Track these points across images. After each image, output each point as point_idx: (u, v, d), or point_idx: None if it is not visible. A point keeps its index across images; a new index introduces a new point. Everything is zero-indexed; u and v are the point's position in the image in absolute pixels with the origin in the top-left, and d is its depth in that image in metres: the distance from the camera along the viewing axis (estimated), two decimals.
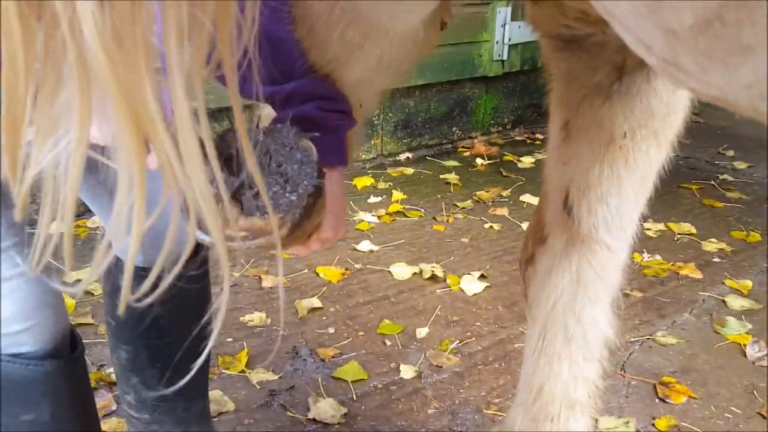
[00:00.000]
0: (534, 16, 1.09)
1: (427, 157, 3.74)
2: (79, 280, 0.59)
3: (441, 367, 1.99)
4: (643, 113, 1.05)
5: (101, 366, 1.92)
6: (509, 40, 3.82)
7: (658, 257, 2.65)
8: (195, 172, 0.53)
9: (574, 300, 1.15)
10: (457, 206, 3.11)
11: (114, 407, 1.76)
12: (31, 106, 0.49)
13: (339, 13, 0.83)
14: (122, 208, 0.54)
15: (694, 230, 2.92)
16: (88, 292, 2.28)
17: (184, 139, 0.51)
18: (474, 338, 2.14)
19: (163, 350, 1.35)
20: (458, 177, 3.44)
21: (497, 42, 3.81)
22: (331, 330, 2.15)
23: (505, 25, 3.78)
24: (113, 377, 1.87)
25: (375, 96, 1.09)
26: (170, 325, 1.34)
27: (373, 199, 3.13)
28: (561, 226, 1.14)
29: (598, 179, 1.08)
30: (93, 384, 1.83)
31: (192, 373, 1.43)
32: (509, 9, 3.76)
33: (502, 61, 3.88)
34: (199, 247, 1.35)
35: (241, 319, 2.17)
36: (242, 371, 1.93)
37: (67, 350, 1.06)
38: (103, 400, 1.77)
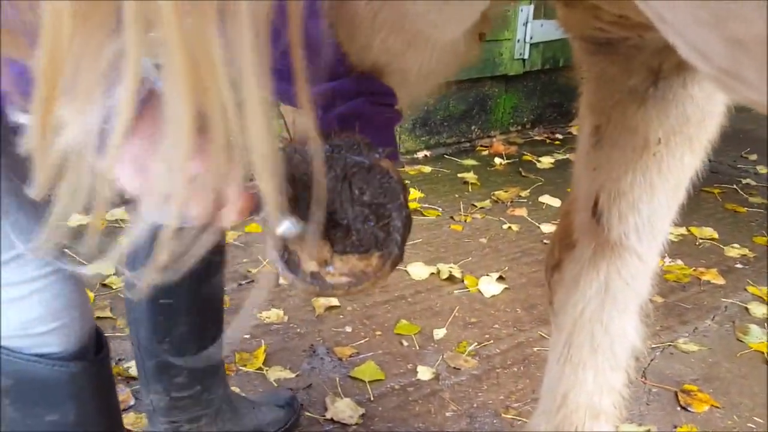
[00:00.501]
0: (565, 18, 1.07)
1: (445, 156, 3.72)
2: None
3: (459, 369, 1.98)
4: (679, 119, 1.03)
5: (119, 360, 1.92)
6: (531, 38, 3.78)
7: (679, 262, 2.61)
8: (257, 127, 0.50)
9: (601, 309, 1.13)
10: (475, 206, 3.08)
11: (132, 402, 1.76)
12: (71, 69, 0.47)
13: (382, 20, 0.81)
14: (171, 160, 0.51)
15: (716, 235, 2.87)
16: (106, 285, 2.28)
17: (248, 95, 0.48)
18: (492, 341, 2.12)
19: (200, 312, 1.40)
20: (476, 176, 3.41)
21: (518, 40, 3.77)
22: (348, 329, 2.14)
23: (527, 23, 3.74)
24: (132, 372, 1.87)
25: (409, 103, 1.08)
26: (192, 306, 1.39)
27: None
28: (590, 232, 1.12)
29: (629, 186, 1.06)
30: None
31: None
32: (531, 7, 3.72)
33: (523, 59, 3.84)
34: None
35: (258, 315, 2.17)
36: (259, 368, 1.93)
37: (92, 351, 1.05)
38: (121, 394, 1.77)
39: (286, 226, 0.73)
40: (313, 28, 0.81)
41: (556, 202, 3.13)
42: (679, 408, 1.86)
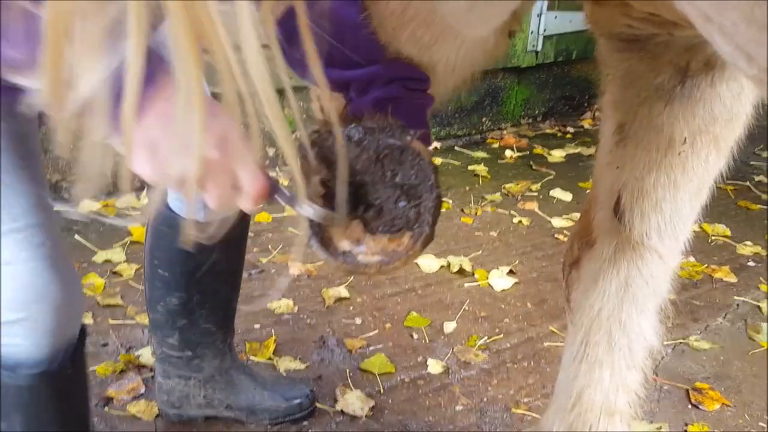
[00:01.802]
0: (594, 15, 1.05)
1: (456, 148, 3.70)
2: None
3: (469, 363, 1.97)
4: (705, 119, 1.02)
5: (129, 348, 1.93)
6: (544, 30, 3.75)
7: (692, 259, 2.60)
8: (262, 84, 0.53)
9: (620, 308, 1.12)
10: (486, 199, 3.07)
11: (143, 390, 1.77)
12: (76, 27, 0.49)
13: (412, 13, 0.81)
14: (182, 119, 0.52)
15: (728, 232, 2.85)
16: (116, 273, 2.28)
17: (251, 59, 0.52)
18: (502, 335, 2.12)
19: (213, 292, 1.50)
20: (487, 169, 3.40)
21: (532, 32, 3.74)
22: (358, 321, 2.14)
23: (540, 15, 3.71)
24: (142, 360, 1.87)
25: (435, 96, 1.07)
26: (223, 268, 1.48)
27: None
28: (611, 231, 1.10)
29: (653, 185, 1.04)
30: (122, 366, 1.84)
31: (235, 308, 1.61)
32: None
33: (536, 51, 3.81)
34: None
35: (269, 306, 2.17)
36: (269, 359, 1.93)
37: (66, 359, 0.99)
38: (131, 383, 1.78)
39: (307, 211, 0.75)
40: (347, 13, 0.81)
41: (567, 197, 3.11)
42: (690, 406, 1.86)
